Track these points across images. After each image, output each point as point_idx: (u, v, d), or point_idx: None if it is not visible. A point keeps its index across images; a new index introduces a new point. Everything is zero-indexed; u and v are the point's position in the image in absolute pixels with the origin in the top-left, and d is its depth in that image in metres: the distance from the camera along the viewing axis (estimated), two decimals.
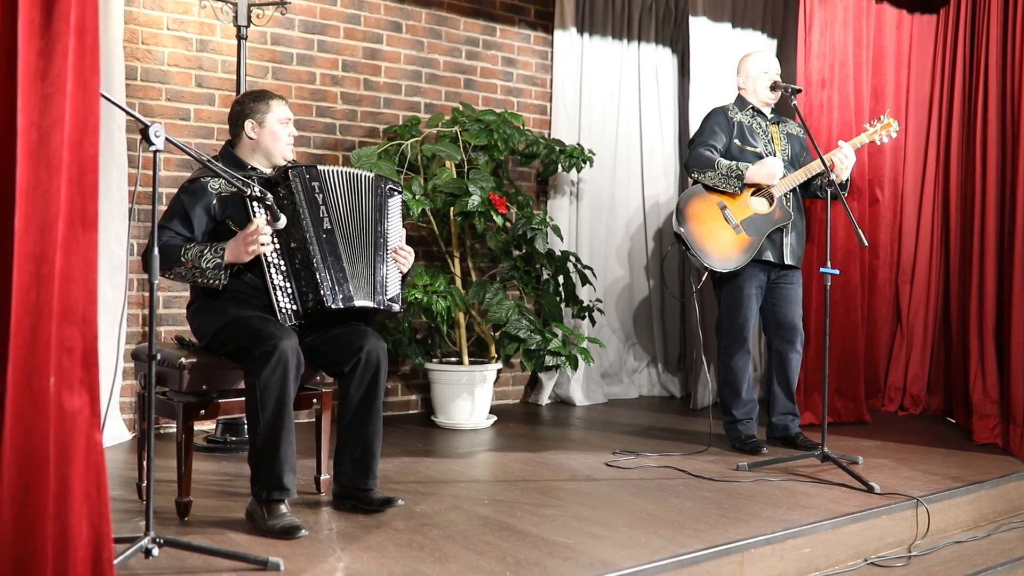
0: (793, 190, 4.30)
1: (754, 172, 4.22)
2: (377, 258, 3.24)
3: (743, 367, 4.37)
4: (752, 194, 4.28)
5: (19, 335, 1.86)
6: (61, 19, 1.90)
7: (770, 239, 4.28)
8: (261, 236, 3.00)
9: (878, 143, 4.37)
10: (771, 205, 4.26)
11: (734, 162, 4.25)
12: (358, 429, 3.13)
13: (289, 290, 3.11)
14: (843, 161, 4.19)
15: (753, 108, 4.40)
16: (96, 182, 1.98)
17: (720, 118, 4.39)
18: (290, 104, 4.41)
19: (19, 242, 1.86)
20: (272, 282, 3.09)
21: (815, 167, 4.19)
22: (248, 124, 3.24)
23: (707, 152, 4.31)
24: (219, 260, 3.00)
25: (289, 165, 3.24)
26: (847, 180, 4.28)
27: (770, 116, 4.43)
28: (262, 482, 2.91)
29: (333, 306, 3.09)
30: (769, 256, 4.28)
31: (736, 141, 4.33)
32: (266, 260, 3.08)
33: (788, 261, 4.31)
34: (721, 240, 4.24)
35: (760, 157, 4.29)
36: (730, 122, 4.37)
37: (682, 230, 4.25)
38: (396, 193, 3.36)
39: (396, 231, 3.33)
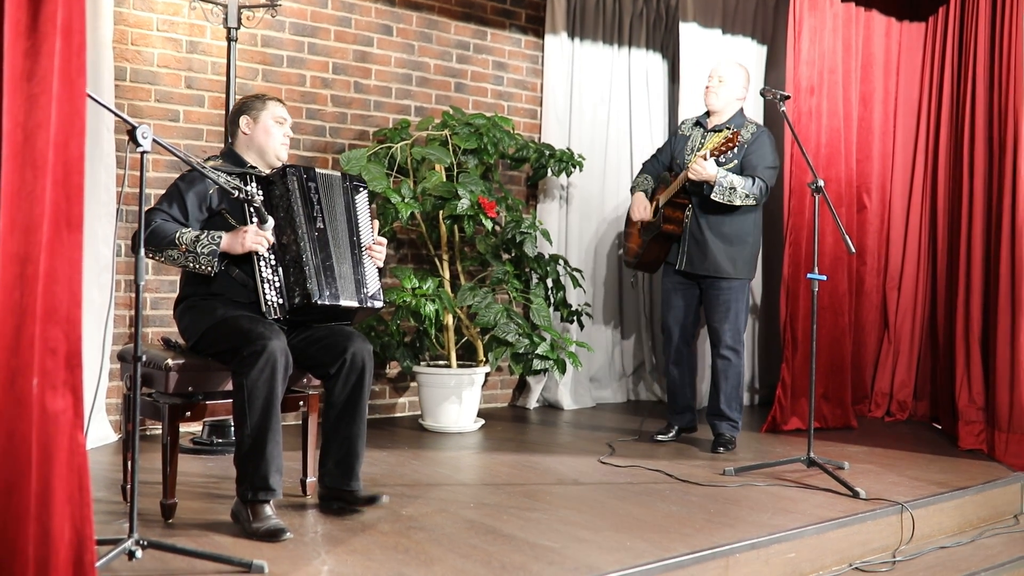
0: (702, 201, 4.36)
1: (633, 200, 4.68)
2: (357, 257, 3.31)
3: (669, 363, 4.62)
4: (661, 202, 4.51)
5: (2, 336, 1.86)
6: (47, 20, 1.90)
7: (677, 245, 4.48)
8: (259, 237, 3.06)
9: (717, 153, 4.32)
10: (657, 215, 4.54)
11: (633, 183, 4.77)
12: (342, 431, 3.14)
13: (276, 283, 3.14)
14: (696, 172, 4.24)
15: (703, 117, 4.60)
16: (81, 183, 1.98)
17: (670, 135, 4.77)
18: None
19: (3, 243, 1.85)
20: (260, 275, 3.12)
21: (684, 176, 4.37)
22: (243, 120, 3.29)
23: (642, 165, 4.84)
24: (215, 247, 3.02)
25: (287, 165, 3.28)
26: (714, 184, 4.24)
27: (718, 123, 4.48)
28: (248, 482, 2.90)
29: (320, 301, 3.12)
30: (671, 260, 4.56)
31: (675, 155, 4.61)
32: (256, 254, 3.11)
33: (680, 268, 4.47)
34: (632, 239, 4.78)
35: (684, 168, 4.46)
36: (676, 137, 4.67)
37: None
38: (363, 189, 3.45)
39: (368, 227, 3.41)
